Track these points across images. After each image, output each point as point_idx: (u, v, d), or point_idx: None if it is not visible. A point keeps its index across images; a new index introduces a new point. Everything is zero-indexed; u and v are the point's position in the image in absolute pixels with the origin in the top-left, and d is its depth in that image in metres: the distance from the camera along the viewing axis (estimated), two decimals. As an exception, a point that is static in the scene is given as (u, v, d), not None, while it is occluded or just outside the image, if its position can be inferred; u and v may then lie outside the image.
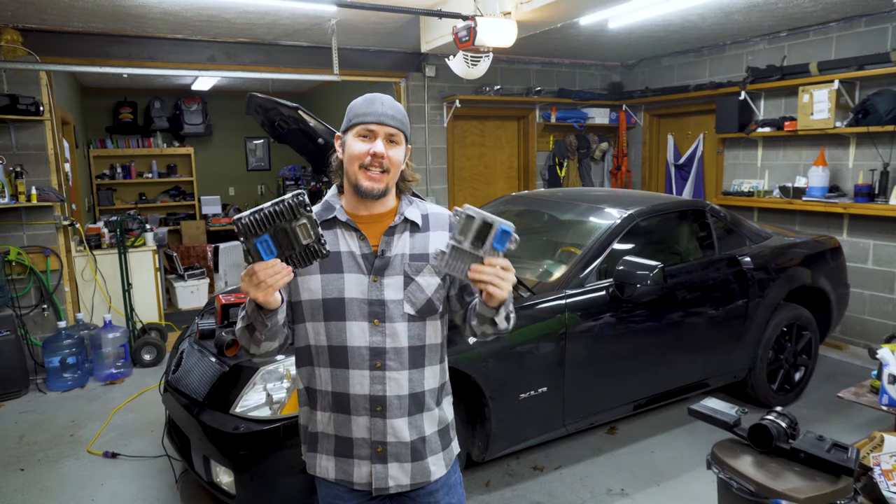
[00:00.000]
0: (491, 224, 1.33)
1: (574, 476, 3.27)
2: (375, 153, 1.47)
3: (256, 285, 1.30)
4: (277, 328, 1.45)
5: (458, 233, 1.35)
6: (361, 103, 1.52)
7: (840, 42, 4.98)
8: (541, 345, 2.98)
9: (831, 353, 5.05)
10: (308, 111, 2.61)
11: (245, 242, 1.29)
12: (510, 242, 1.34)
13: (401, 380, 1.54)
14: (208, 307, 3.69)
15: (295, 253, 1.32)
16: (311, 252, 1.33)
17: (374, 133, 1.49)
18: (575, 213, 3.76)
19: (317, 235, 1.32)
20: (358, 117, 1.50)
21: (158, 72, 5.28)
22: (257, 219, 1.28)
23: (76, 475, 3.36)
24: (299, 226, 1.30)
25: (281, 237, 1.30)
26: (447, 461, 1.65)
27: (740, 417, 2.19)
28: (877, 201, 4.66)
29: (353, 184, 1.51)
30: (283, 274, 1.31)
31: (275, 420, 2.53)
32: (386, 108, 1.50)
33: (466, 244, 1.34)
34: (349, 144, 1.51)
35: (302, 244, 1.31)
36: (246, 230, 1.28)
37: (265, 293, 1.32)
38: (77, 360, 4.60)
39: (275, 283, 1.31)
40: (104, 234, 5.30)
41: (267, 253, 1.30)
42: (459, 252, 1.35)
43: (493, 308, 1.45)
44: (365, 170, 1.49)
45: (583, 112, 6.95)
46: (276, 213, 1.28)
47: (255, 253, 1.30)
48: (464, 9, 4.14)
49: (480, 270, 1.34)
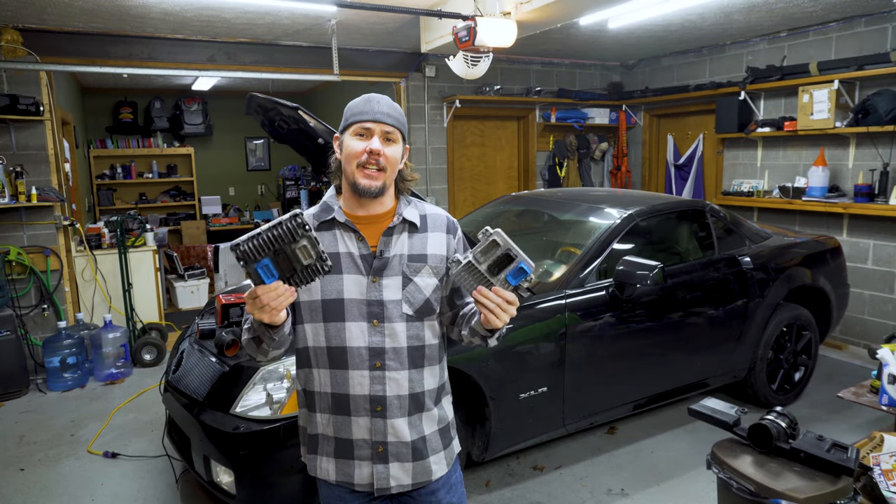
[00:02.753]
0: (512, 258, 1.34)
1: (574, 476, 3.27)
2: (372, 150, 1.48)
3: (261, 308, 1.31)
4: (284, 338, 1.47)
5: (480, 252, 1.35)
6: (358, 103, 1.53)
7: (840, 42, 4.98)
8: (541, 345, 2.99)
9: (831, 353, 5.05)
10: (308, 111, 2.61)
11: (245, 267, 1.28)
12: (525, 281, 1.36)
13: (400, 380, 1.54)
14: (208, 307, 3.69)
15: (297, 274, 1.31)
16: (314, 271, 1.32)
17: (371, 131, 1.49)
18: (575, 213, 3.76)
19: (318, 254, 1.30)
20: (354, 116, 1.51)
21: (158, 72, 5.28)
22: (256, 245, 1.26)
23: (76, 475, 3.36)
24: (299, 248, 1.28)
25: (281, 259, 1.28)
26: (448, 460, 1.65)
27: (740, 417, 2.19)
28: (877, 201, 4.66)
29: (351, 182, 1.52)
30: (287, 296, 1.31)
31: (275, 420, 2.53)
32: (382, 106, 1.51)
33: (483, 266, 1.35)
34: (346, 144, 1.52)
35: (303, 265, 1.30)
36: (245, 256, 1.26)
37: (270, 315, 1.33)
38: (77, 360, 4.60)
39: (278, 306, 1.31)
40: (104, 234, 5.30)
41: (268, 276, 1.28)
42: (474, 270, 1.36)
43: (488, 331, 1.50)
44: (362, 168, 1.49)
45: (583, 112, 6.95)
46: (275, 237, 1.26)
47: (257, 277, 1.28)
48: (464, 9, 4.14)
49: (486, 296, 1.36)
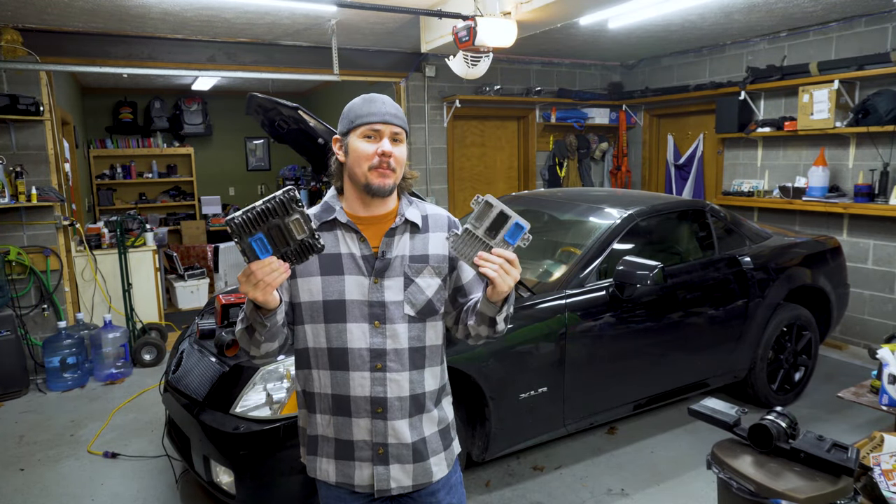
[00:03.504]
0: (508, 216, 1.35)
1: (574, 476, 3.27)
2: (384, 152, 1.47)
3: (255, 284, 1.30)
4: (277, 328, 1.45)
5: (475, 218, 1.36)
6: (361, 104, 1.52)
7: (840, 42, 4.98)
8: (541, 345, 2.98)
9: (831, 353, 5.05)
10: (308, 111, 2.61)
11: (240, 242, 1.28)
12: (522, 239, 1.36)
13: (401, 381, 1.54)
14: (208, 307, 3.69)
15: (290, 249, 1.31)
16: (307, 247, 1.32)
17: (380, 133, 1.48)
18: (575, 213, 3.76)
19: (310, 230, 1.31)
20: (361, 118, 1.49)
21: (158, 72, 5.28)
22: (250, 217, 1.27)
23: (76, 475, 3.36)
24: (292, 221, 1.29)
25: (275, 234, 1.29)
26: (448, 461, 1.65)
27: (740, 417, 2.19)
28: (877, 201, 4.66)
29: (364, 184, 1.50)
30: (281, 271, 1.30)
31: (275, 420, 2.53)
32: (388, 107, 1.50)
33: (480, 231, 1.36)
34: (354, 146, 1.50)
35: (297, 239, 1.31)
36: (239, 229, 1.27)
37: (264, 292, 1.32)
38: (77, 360, 4.60)
39: (273, 282, 1.30)
40: (104, 234, 5.30)
41: (262, 251, 1.29)
42: (472, 237, 1.37)
43: (496, 304, 1.44)
44: (376, 170, 1.48)
45: (583, 112, 6.95)
46: (269, 209, 1.28)
47: (251, 252, 1.29)
48: (464, 9, 4.14)
49: (487, 258, 1.35)
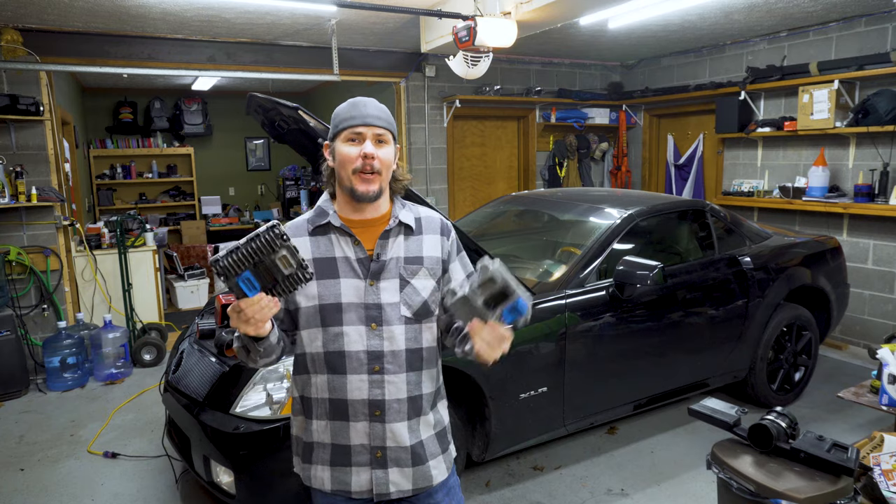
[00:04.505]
0: (507, 296, 1.31)
1: (574, 476, 3.27)
2: (366, 154, 1.48)
3: (245, 321, 1.31)
4: (272, 347, 1.46)
5: (477, 286, 1.33)
6: (345, 108, 1.52)
7: (840, 42, 4.98)
8: (541, 345, 2.98)
9: (831, 353, 5.05)
10: (308, 111, 2.60)
11: (227, 282, 1.28)
12: (519, 319, 1.35)
13: (399, 383, 1.54)
14: (208, 307, 3.69)
15: (278, 284, 1.31)
16: (295, 280, 1.31)
17: (362, 135, 1.49)
18: (575, 213, 3.75)
19: (298, 262, 1.30)
20: (344, 122, 1.50)
21: (158, 72, 5.27)
22: (235, 259, 1.26)
23: (76, 475, 3.36)
24: (279, 258, 1.28)
25: (262, 271, 1.28)
26: (447, 464, 1.65)
27: (740, 417, 2.19)
28: (877, 201, 4.66)
29: (348, 189, 1.51)
30: (270, 307, 1.31)
31: (275, 420, 2.53)
32: (370, 109, 1.51)
33: (479, 301, 1.32)
34: (339, 150, 1.51)
35: (284, 274, 1.30)
36: (226, 271, 1.26)
37: (255, 328, 1.33)
38: (77, 360, 4.59)
39: (263, 318, 1.32)
40: (104, 234, 5.30)
41: (250, 289, 1.28)
42: (469, 304, 1.34)
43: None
44: (360, 174, 1.48)
45: (583, 112, 6.95)
46: (254, 249, 1.26)
47: (239, 291, 1.28)
48: (464, 9, 4.14)
49: (480, 330, 1.35)
